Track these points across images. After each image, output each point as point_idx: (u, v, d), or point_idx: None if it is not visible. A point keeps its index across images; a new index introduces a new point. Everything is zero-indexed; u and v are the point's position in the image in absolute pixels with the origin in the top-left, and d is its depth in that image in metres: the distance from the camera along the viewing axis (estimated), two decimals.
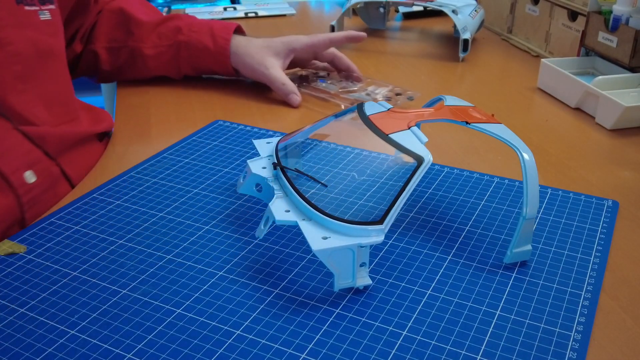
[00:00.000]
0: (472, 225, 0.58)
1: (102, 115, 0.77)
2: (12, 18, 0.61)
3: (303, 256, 0.53)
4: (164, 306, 0.47)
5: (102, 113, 0.78)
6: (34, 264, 0.52)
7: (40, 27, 0.64)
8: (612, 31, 0.87)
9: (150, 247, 0.54)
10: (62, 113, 0.68)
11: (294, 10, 1.38)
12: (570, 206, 0.61)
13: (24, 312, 0.47)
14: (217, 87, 0.93)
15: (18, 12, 0.61)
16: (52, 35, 0.66)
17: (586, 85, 0.82)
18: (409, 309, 0.47)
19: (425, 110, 0.57)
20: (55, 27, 0.67)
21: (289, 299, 0.48)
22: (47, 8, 0.66)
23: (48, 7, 0.66)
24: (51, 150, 0.64)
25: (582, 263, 0.52)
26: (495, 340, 0.44)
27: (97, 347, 0.44)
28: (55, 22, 0.67)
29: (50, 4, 0.66)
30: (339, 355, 0.43)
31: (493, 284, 0.50)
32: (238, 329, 0.45)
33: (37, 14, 0.64)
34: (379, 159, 0.68)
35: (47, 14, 0.65)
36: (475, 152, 0.73)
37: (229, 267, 0.52)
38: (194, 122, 0.80)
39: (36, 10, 0.64)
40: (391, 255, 0.53)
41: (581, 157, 0.72)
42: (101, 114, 0.77)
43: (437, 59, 1.07)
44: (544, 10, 1.06)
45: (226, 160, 0.69)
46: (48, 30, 0.65)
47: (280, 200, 0.51)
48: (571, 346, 0.44)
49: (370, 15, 1.24)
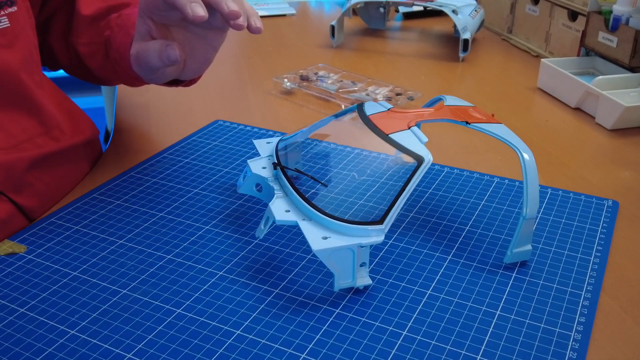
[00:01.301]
0: (472, 225, 0.58)
1: (82, 123, 0.69)
2: None
3: (303, 256, 0.53)
4: (164, 306, 0.47)
5: (83, 120, 0.70)
6: (34, 264, 0.52)
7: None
8: (612, 31, 0.87)
9: (150, 247, 0.54)
10: (25, 129, 0.60)
11: (294, 10, 1.38)
12: (570, 206, 0.61)
13: (24, 312, 0.47)
14: (217, 87, 0.93)
15: None
16: (8, 46, 0.57)
17: (586, 85, 0.82)
18: (409, 309, 0.47)
19: (425, 110, 0.57)
20: (14, 33, 0.58)
21: (289, 299, 0.48)
22: (6, 13, 0.57)
23: (7, 12, 0.57)
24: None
25: (582, 263, 0.52)
26: (495, 340, 0.44)
27: (97, 347, 0.43)
28: (13, 29, 0.58)
29: (10, 6, 0.57)
30: (339, 355, 0.43)
31: (493, 284, 0.50)
32: (238, 329, 0.45)
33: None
34: (379, 159, 0.68)
35: (4, 21, 0.57)
36: (475, 152, 0.73)
37: (229, 267, 0.52)
38: (194, 122, 0.80)
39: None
40: (391, 255, 0.53)
41: (581, 157, 0.72)
42: (82, 122, 0.69)
43: (437, 59, 1.07)
44: (544, 10, 1.06)
45: (226, 160, 0.69)
46: (3, 42, 0.57)
47: (281, 200, 0.51)
48: (571, 346, 0.44)
49: (370, 15, 1.24)
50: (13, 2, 0.58)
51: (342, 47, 1.13)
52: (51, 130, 0.63)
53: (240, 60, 1.06)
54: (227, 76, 0.98)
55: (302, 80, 0.92)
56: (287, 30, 1.25)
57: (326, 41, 1.16)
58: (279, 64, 1.04)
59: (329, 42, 1.14)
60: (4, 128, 0.58)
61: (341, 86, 0.90)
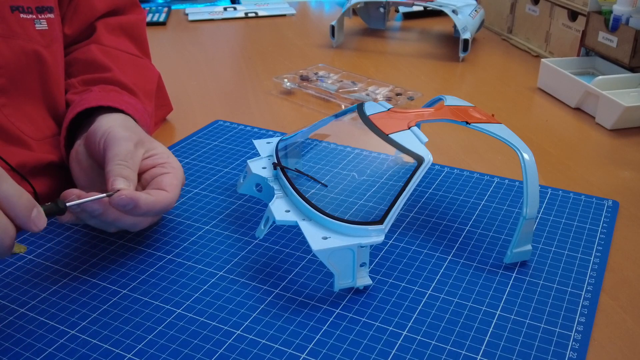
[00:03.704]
0: (472, 225, 0.58)
1: None
2: (3, 26, 0.58)
3: (303, 256, 0.53)
4: (164, 306, 0.47)
5: None
6: (34, 264, 0.52)
7: (34, 38, 0.60)
8: (612, 31, 0.87)
9: (150, 247, 0.54)
10: (50, 126, 0.63)
11: (294, 10, 1.38)
12: (570, 206, 0.61)
13: (24, 312, 0.47)
14: (217, 87, 0.93)
15: (10, 19, 0.58)
16: (46, 46, 0.61)
17: (586, 85, 0.82)
18: (409, 309, 0.47)
19: (425, 110, 0.57)
20: (51, 37, 0.63)
21: (289, 299, 0.48)
22: (45, 17, 0.62)
23: (46, 17, 0.62)
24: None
25: (582, 263, 0.52)
26: (495, 340, 0.44)
27: (97, 347, 0.43)
28: (51, 32, 0.62)
29: (50, 13, 0.63)
30: (339, 355, 0.43)
31: (493, 284, 0.50)
32: (238, 329, 0.45)
33: (32, 23, 0.60)
34: (379, 159, 0.68)
35: (44, 23, 0.61)
36: (475, 152, 0.73)
37: (229, 267, 0.52)
38: (194, 122, 0.80)
39: (31, 19, 0.60)
40: (391, 255, 0.53)
41: (581, 157, 0.72)
42: None
43: (437, 59, 1.07)
44: (544, 10, 1.06)
45: (226, 160, 0.69)
46: (42, 41, 0.61)
47: (281, 200, 0.51)
48: (571, 346, 0.44)
49: (370, 15, 1.24)
50: (52, 10, 0.63)
51: (342, 47, 1.13)
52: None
53: (240, 60, 1.06)
54: (227, 76, 0.98)
55: (302, 80, 0.92)
56: (287, 30, 1.25)
57: (326, 41, 1.16)
58: (279, 64, 1.04)
59: (329, 42, 1.14)
60: (34, 121, 0.61)
61: (341, 86, 0.90)
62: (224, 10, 1.36)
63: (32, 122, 0.61)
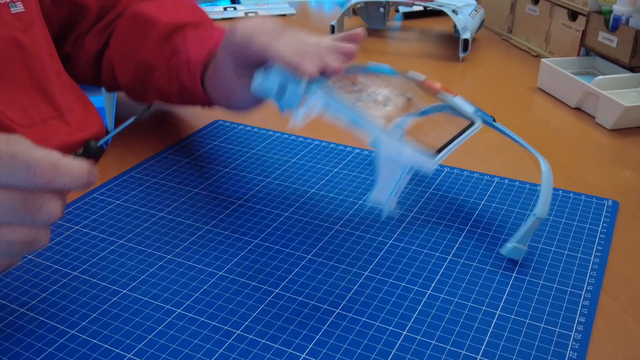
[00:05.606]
0: (472, 225, 0.58)
1: (93, 117, 0.69)
2: None
3: (303, 256, 0.53)
4: (164, 306, 0.47)
5: (94, 115, 0.70)
6: (34, 264, 0.52)
7: (10, 22, 0.59)
8: (612, 31, 0.87)
9: (150, 247, 0.54)
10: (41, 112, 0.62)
11: (294, 10, 1.38)
12: (570, 206, 0.61)
13: (24, 312, 0.47)
14: None
15: None
16: (23, 30, 0.60)
17: (586, 85, 0.82)
18: (409, 309, 0.47)
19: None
20: (29, 19, 0.61)
21: (289, 299, 0.48)
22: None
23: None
24: None
25: (582, 263, 0.52)
26: (495, 340, 0.44)
27: (97, 347, 0.44)
28: (28, 14, 0.61)
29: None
30: (339, 355, 0.43)
31: (493, 283, 0.50)
32: (238, 329, 0.45)
33: (6, 7, 0.59)
34: None
35: (19, 5, 0.60)
36: (475, 152, 0.73)
37: (229, 267, 0.52)
38: (194, 122, 0.80)
39: (6, 3, 0.59)
40: (391, 255, 0.53)
41: (581, 157, 0.72)
42: (93, 116, 0.70)
43: (437, 59, 1.07)
44: (544, 10, 1.06)
45: (226, 160, 0.69)
46: (19, 26, 0.60)
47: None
48: (571, 346, 0.44)
49: (370, 15, 1.24)
50: None
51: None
52: (64, 115, 0.65)
53: None
54: None
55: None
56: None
57: None
58: None
59: None
60: (23, 108, 0.61)
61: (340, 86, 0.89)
62: (224, 10, 1.36)
63: (21, 109, 0.60)
